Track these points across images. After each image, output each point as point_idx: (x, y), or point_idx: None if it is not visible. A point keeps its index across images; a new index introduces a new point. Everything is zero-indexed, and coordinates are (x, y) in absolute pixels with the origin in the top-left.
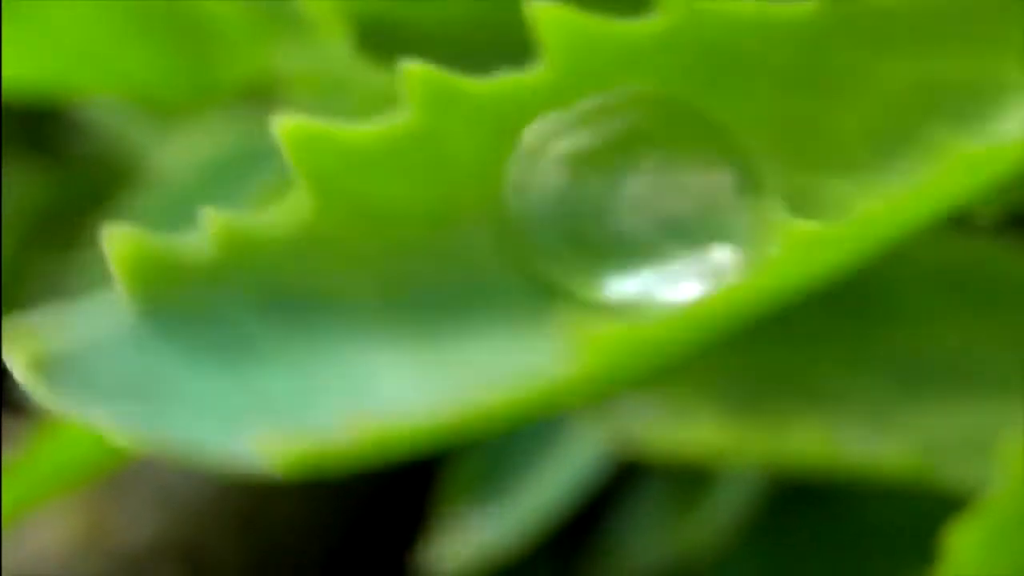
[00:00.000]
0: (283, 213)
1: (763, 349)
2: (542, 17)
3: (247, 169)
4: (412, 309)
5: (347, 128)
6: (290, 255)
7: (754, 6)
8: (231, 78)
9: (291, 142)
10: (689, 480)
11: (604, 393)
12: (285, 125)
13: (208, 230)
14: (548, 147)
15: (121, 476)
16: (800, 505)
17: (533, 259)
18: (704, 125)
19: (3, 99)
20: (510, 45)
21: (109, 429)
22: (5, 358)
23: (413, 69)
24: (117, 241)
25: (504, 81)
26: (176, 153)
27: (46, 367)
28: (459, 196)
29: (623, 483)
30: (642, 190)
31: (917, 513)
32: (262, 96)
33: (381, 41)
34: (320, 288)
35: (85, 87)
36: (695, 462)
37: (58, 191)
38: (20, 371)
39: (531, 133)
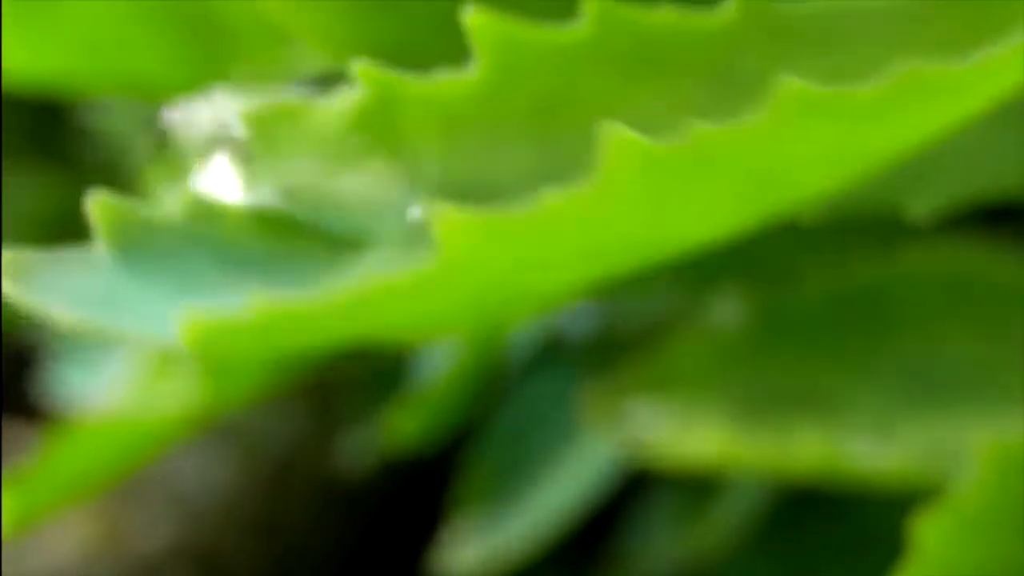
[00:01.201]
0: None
1: (767, 360)
2: (474, 24)
3: None
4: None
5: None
6: (248, 223)
7: (671, 14)
8: (239, 78)
9: (253, 121)
10: (697, 487)
11: (471, 290)
12: (247, 107)
13: (179, 199)
14: None
15: (136, 482)
16: (806, 512)
17: None
18: None
19: (14, 96)
20: None
21: (58, 315)
22: None
23: (363, 67)
24: (98, 203)
25: (443, 79)
26: None
27: (22, 271)
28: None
29: (632, 490)
30: None
31: None
32: None
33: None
34: (272, 250)
35: (93, 83)
36: (702, 470)
37: (69, 197)
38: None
39: None
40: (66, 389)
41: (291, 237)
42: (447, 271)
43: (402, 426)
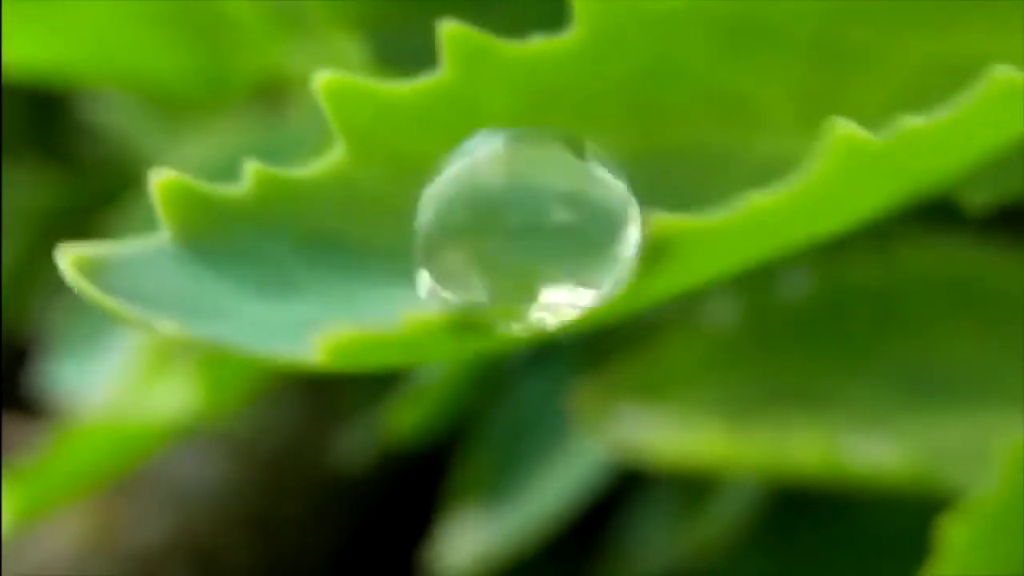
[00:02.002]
0: (320, 164)
1: (763, 359)
2: None
3: None
4: None
5: (384, 84)
6: (326, 201)
7: None
8: (243, 76)
9: (329, 96)
10: (693, 485)
11: (654, 297)
12: (324, 79)
13: (249, 177)
14: None
15: (132, 477)
16: (803, 511)
17: None
18: None
19: (13, 89)
20: None
21: (155, 326)
22: (60, 264)
23: (451, 28)
24: (162, 184)
25: (536, 43)
26: (186, 154)
27: (94, 271)
28: None
29: (629, 486)
30: None
31: (918, 519)
32: (273, 95)
33: (392, 49)
34: (354, 233)
35: (97, 78)
36: (697, 471)
37: (68, 193)
38: (69, 274)
39: None
40: (62, 384)
41: (379, 217)
42: (650, 276)
43: (400, 421)
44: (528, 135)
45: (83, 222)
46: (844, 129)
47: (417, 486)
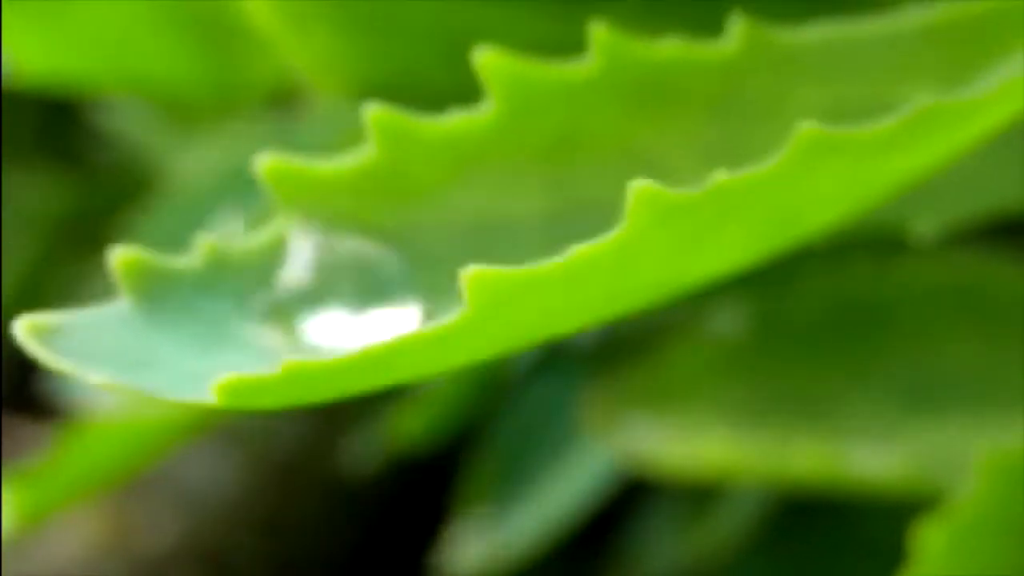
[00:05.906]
0: (261, 235)
1: (767, 367)
2: (486, 63)
3: None
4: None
5: (319, 163)
6: (266, 268)
7: (678, 46)
8: (255, 82)
9: (271, 177)
10: (698, 492)
11: (496, 341)
12: (265, 163)
13: (199, 250)
14: None
15: (144, 480)
16: (806, 518)
17: None
18: None
19: (25, 95)
20: None
21: (88, 377)
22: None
23: (374, 112)
24: (120, 254)
25: (454, 118)
26: (196, 160)
27: (46, 334)
28: (416, 216)
29: (635, 492)
30: None
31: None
32: (284, 101)
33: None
34: (291, 302)
35: (109, 85)
36: (702, 479)
37: (81, 198)
38: (22, 339)
39: None
40: (72, 387)
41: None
42: (475, 326)
43: (406, 427)
44: None
45: (94, 227)
46: (646, 184)
47: (425, 491)
